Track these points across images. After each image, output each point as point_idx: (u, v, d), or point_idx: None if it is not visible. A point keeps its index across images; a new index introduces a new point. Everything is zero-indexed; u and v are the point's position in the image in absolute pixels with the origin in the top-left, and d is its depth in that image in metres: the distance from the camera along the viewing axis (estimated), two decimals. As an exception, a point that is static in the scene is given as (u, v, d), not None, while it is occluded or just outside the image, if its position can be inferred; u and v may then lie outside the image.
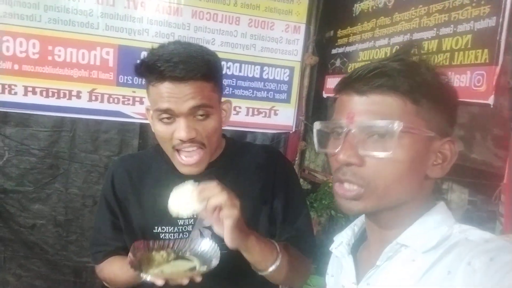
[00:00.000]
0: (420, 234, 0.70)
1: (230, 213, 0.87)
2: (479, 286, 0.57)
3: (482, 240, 0.63)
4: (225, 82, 2.61)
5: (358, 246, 0.85)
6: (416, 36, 1.87)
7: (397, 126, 0.64)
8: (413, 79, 0.67)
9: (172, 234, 1.13)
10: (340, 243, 0.85)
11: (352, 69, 1.36)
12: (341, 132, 0.70)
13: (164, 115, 1.00)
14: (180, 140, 1.00)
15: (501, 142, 1.66)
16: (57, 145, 2.58)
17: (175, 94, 0.97)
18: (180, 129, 0.99)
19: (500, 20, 1.46)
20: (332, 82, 2.69)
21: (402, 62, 0.69)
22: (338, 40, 2.64)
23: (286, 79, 2.75)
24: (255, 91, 2.71)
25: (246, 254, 0.97)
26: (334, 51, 2.69)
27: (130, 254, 0.99)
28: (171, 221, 1.10)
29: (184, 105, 0.98)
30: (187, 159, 1.03)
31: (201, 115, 1.01)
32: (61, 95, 2.45)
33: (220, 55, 1.10)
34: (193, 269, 1.01)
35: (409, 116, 0.66)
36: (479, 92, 1.53)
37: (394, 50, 2.03)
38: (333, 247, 0.86)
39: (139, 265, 0.98)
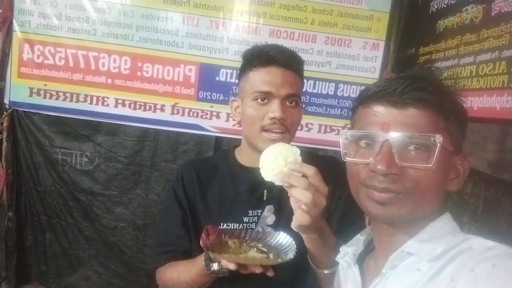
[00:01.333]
0: (425, 242, 0.70)
1: (301, 218, 0.87)
2: None
3: (485, 248, 0.64)
4: (298, 98, 2.61)
5: (365, 256, 0.85)
6: (506, 53, 1.72)
7: (438, 139, 0.67)
8: (444, 96, 0.70)
9: None
10: (346, 253, 0.85)
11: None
12: (373, 142, 0.72)
13: (261, 97, 1.12)
14: (273, 118, 1.11)
15: None
16: (140, 153, 2.78)
17: (277, 78, 1.12)
18: (276, 109, 1.10)
19: None
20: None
21: (430, 79, 0.72)
22: (420, 57, 2.52)
23: (362, 97, 2.68)
24: (328, 108, 2.68)
25: (306, 242, 0.98)
26: (415, 69, 2.57)
27: (202, 235, 1.00)
28: (236, 218, 1.16)
29: (283, 89, 1.12)
30: (273, 135, 1.13)
31: (291, 103, 1.14)
32: (147, 108, 2.65)
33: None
34: (265, 259, 0.99)
35: (440, 130, 0.69)
36: None
37: (480, 69, 1.90)
38: (339, 257, 0.87)
39: (211, 248, 0.96)
